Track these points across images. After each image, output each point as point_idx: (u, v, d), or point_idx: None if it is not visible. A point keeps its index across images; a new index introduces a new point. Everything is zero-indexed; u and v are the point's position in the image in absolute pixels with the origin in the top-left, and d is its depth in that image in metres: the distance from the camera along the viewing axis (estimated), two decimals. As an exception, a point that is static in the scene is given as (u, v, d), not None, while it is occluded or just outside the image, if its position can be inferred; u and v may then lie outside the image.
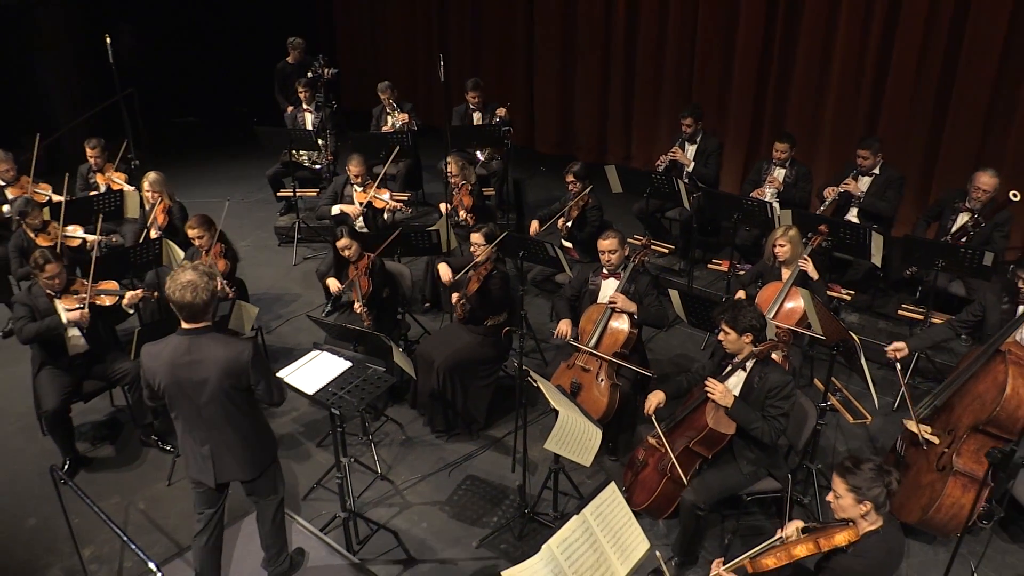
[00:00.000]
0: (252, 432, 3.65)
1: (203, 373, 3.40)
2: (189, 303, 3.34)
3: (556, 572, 3.18)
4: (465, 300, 5.36)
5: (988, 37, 7.14)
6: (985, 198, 5.77)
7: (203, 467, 3.63)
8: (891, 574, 3.17)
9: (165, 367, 3.42)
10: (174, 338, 3.46)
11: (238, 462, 3.65)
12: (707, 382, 4.04)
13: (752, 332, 4.03)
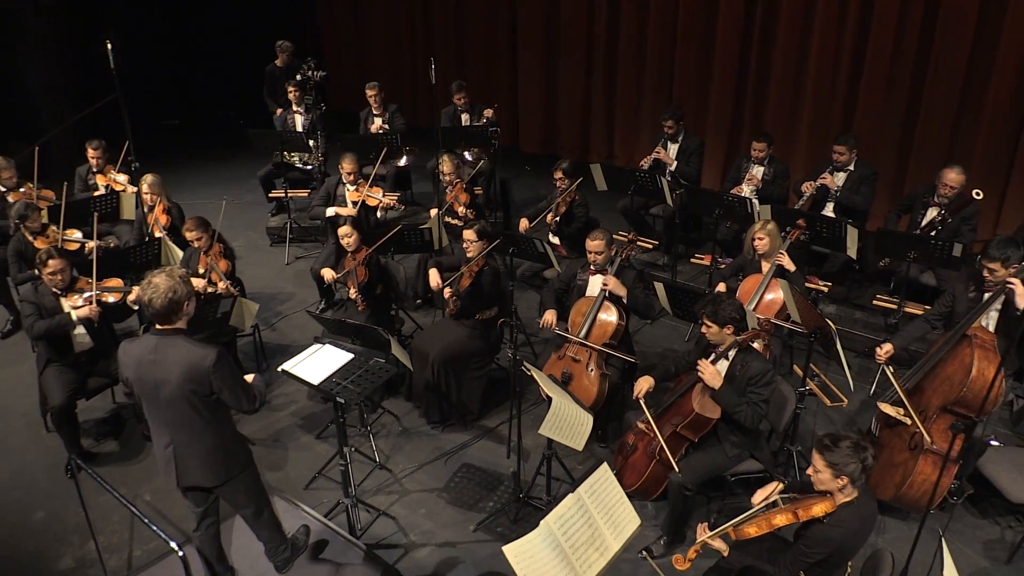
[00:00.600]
0: (214, 439, 3.63)
1: (164, 374, 3.44)
2: (146, 304, 3.42)
3: (554, 546, 3.38)
4: (456, 296, 5.55)
5: (956, 41, 7.44)
6: (952, 194, 6.03)
7: (168, 468, 3.67)
8: (863, 541, 3.40)
9: (133, 363, 3.50)
10: (147, 337, 3.53)
11: (199, 467, 3.65)
12: (699, 362, 4.24)
13: (732, 324, 4.24)
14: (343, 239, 5.75)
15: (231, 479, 3.72)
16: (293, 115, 8.55)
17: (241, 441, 3.84)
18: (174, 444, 3.58)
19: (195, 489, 3.74)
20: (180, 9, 12.77)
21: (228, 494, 3.80)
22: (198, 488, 3.73)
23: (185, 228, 5.73)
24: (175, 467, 3.62)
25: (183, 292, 3.44)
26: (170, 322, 3.47)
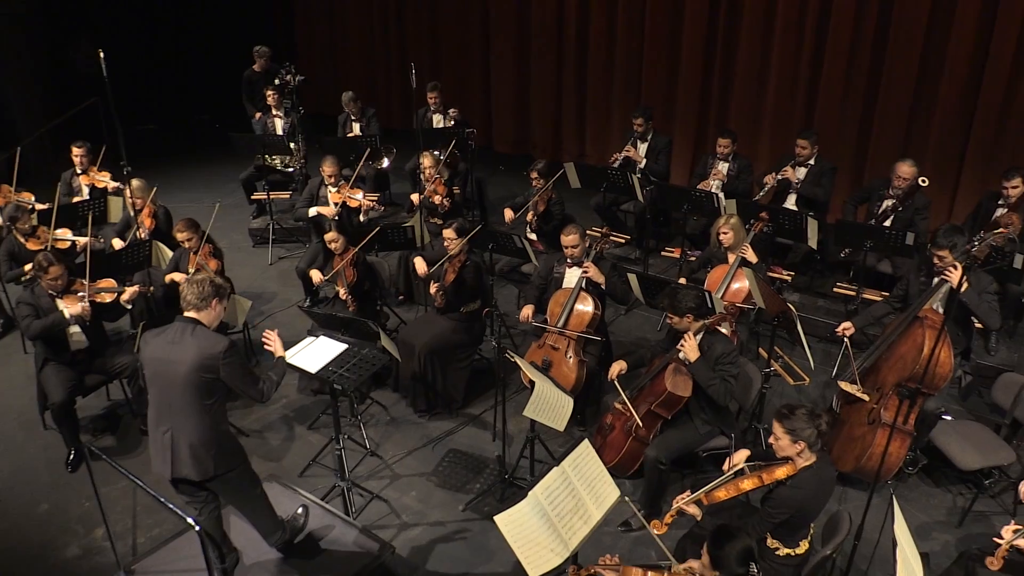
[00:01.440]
0: (209, 433, 3.79)
1: (179, 355, 3.67)
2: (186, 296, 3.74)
3: (541, 515, 3.67)
4: (443, 291, 5.81)
5: (909, 40, 7.86)
6: (905, 185, 6.41)
7: (164, 456, 3.82)
8: (823, 503, 3.72)
9: (153, 345, 3.76)
10: (174, 325, 3.79)
11: (190, 459, 3.79)
12: (685, 337, 4.54)
13: (691, 312, 4.56)
14: (330, 244, 5.99)
15: (218, 476, 3.88)
16: (273, 119, 8.75)
17: (233, 440, 4.00)
18: (172, 430, 3.76)
19: (185, 482, 3.93)
20: (154, 15, 12.87)
21: (219, 488, 3.99)
22: (188, 482, 3.92)
23: (176, 229, 5.93)
24: (171, 454, 3.79)
25: (216, 288, 3.76)
26: (197, 310, 3.73)
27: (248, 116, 9.77)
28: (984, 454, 4.74)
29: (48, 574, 4.57)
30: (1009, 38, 7.41)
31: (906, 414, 4.78)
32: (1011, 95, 7.58)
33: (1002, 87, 7.58)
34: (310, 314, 5.44)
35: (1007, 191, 6.11)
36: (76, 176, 7.58)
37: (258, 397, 3.86)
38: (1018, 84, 7.53)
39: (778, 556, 3.69)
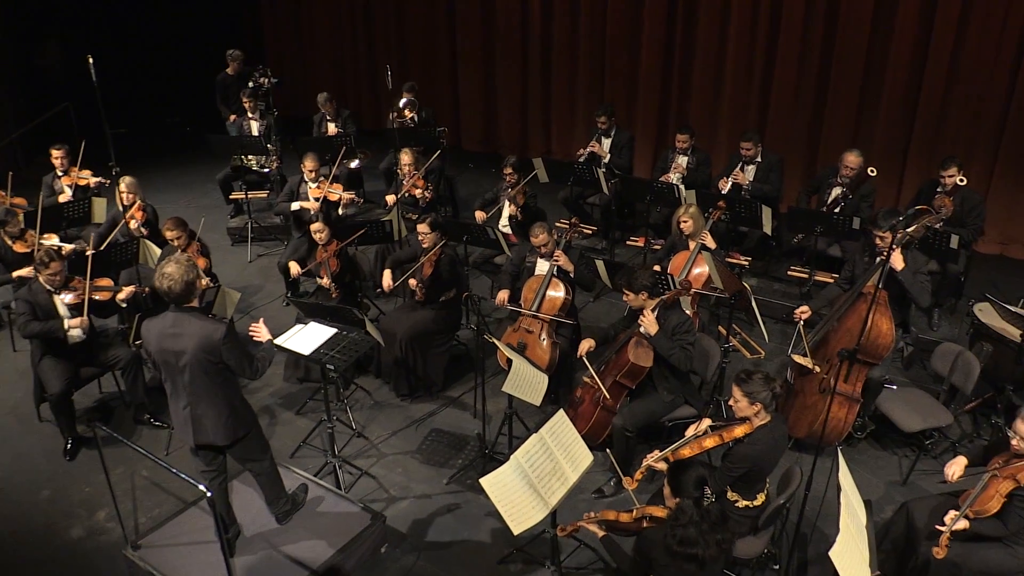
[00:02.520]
0: (225, 403, 4.10)
1: (182, 345, 3.95)
2: (167, 291, 3.91)
3: (522, 476, 4.02)
4: (422, 284, 6.12)
5: (855, 41, 8.39)
6: (852, 174, 6.87)
7: (184, 429, 4.17)
8: (777, 457, 4.11)
9: (155, 338, 4.01)
10: (166, 314, 4.04)
11: (212, 427, 4.11)
12: (644, 313, 4.91)
13: (646, 290, 4.95)
14: (316, 234, 6.28)
15: (239, 439, 4.24)
16: (248, 121, 8.98)
17: (247, 405, 4.34)
18: (190, 406, 4.08)
19: (206, 448, 4.24)
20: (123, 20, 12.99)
21: (238, 452, 4.31)
22: (209, 447, 4.23)
23: (165, 227, 6.17)
24: (191, 426, 4.12)
25: (195, 274, 3.98)
26: (188, 301, 3.98)
27: (222, 119, 9.98)
28: (925, 417, 5.18)
29: (55, 554, 4.82)
30: (947, 37, 7.93)
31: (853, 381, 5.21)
32: (949, 91, 8.11)
33: (941, 84, 8.11)
34: (297, 304, 5.71)
35: (944, 179, 6.58)
36: (57, 178, 7.77)
37: (252, 376, 4.15)
38: (956, 81, 8.06)
39: (737, 508, 4.08)
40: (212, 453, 4.31)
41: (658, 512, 3.77)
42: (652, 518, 3.77)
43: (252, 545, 4.50)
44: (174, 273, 3.91)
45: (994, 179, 8.28)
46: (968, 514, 3.82)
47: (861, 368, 5.25)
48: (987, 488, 3.87)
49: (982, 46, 7.82)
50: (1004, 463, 3.89)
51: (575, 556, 4.65)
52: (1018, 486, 3.77)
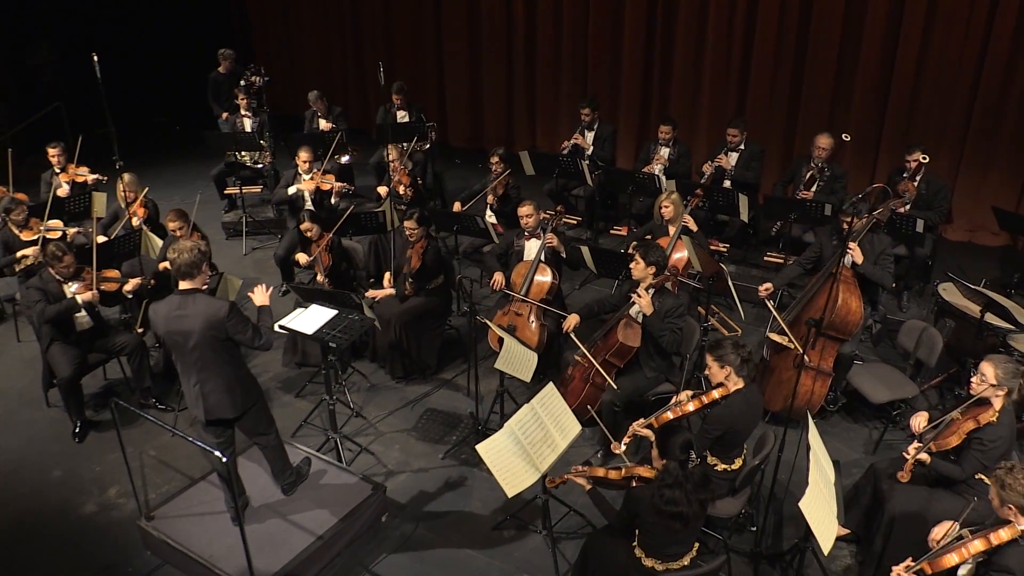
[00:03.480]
0: (233, 377, 4.37)
1: (189, 325, 4.19)
2: (175, 262, 4.20)
3: (515, 443, 4.30)
4: (411, 277, 6.38)
5: (827, 35, 8.71)
6: (824, 155, 7.24)
7: (196, 404, 4.42)
8: (752, 421, 4.42)
9: (162, 320, 4.26)
10: (172, 297, 4.30)
11: (222, 401, 4.36)
12: (638, 291, 5.19)
13: (655, 266, 5.24)
14: (306, 233, 6.53)
15: (247, 411, 4.50)
16: (242, 119, 9.21)
17: (253, 379, 4.61)
18: (200, 383, 4.33)
19: (217, 423, 4.49)
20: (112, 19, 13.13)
21: (245, 423, 4.57)
22: (220, 422, 4.49)
23: (167, 219, 6.40)
24: (202, 401, 4.37)
25: (202, 253, 4.26)
26: (192, 278, 4.23)
27: (214, 116, 10.19)
28: (892, 389, 5.51)
29: (70, 529, 5.06)
30: (915, 32, 8.28)
31: (825, 356, 5.54)
32: (918, 85, 8.47)
33: (910, 78, 8.47)
34: (295, 290, 5.97)
35: (909, 163, 6.92)
36: (55, 175, 7.96)
37: (261, 345, 4.39)
38: (924, 76, 8.42)
39: (717, 471, 4.38)
40: (221, 427, 4.55)
41: (645, 472, 4.06)
42: (640, 478, 4.06)
43: (260, 514, 4.76)
44: (185, 247, 4.22)
45: (961, 169, 8.64)
46: (931, 447, 4.15)
47: (832, 344, 5.57)
48: (949, 427, 4.21)
49: (948, 42, 8.18)
50: (966, 407, 4.24)
51: (565, 521, 4.93)
52: (977, 427, 4.10)
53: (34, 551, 4.88)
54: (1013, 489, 3.47)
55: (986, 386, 4.17)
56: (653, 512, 3.66)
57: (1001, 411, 4.16)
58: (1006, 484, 3.48)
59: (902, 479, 4.28)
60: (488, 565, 4.69)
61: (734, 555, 4.65)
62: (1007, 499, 3.50)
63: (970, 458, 4.15)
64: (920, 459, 4.25)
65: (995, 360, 4.20)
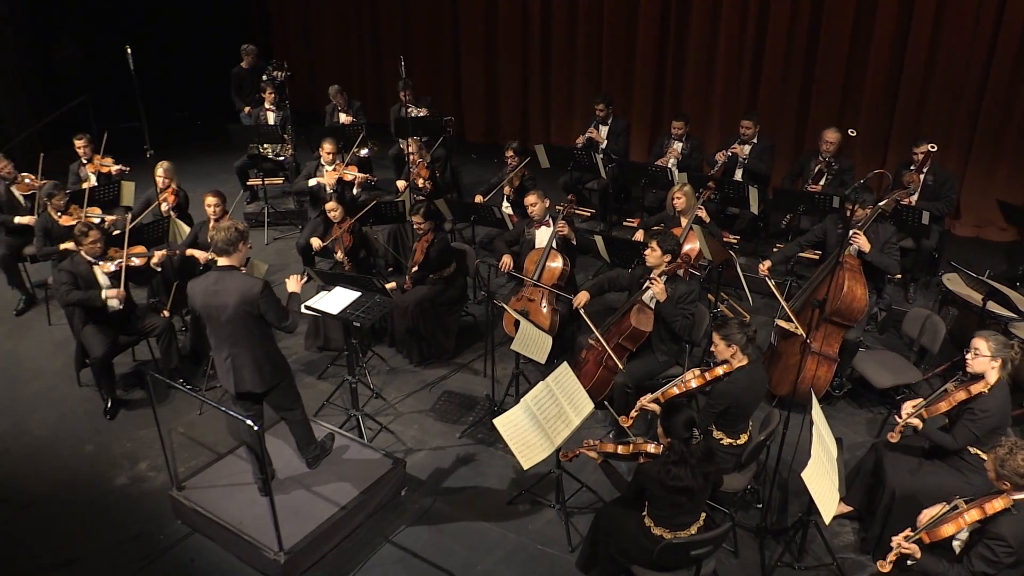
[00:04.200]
0: (263, 353, 4.58)
1: (224, 299, 4.43)
2: (216, 240, 4.48)
3: (531, 418, 4.49)
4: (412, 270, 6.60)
5: (838, 31, 8.87)
6: (832, 149, 7.41)
7: (227, 377, 4.66)
8: (756, 396, 4.60)
9: (199, 295, 4.51)
10: (211, 272, 4.56)
11: (251, 375, 4.58)
12: (651, 278, 5.38)
13: (671, 254, 5.43)
14: (330, 213, 6.76)
15: (275, 386, 4.71)
16: (265, 112, 9.45)
17: (282, 356, 4.81)
18: (231, 356, 4.56)
19: (246, 397, 4.71)
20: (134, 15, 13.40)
21: (273, 398, 4.78)
22: (249, 396, 4.70)
23: (207, 195, 6.56)
24: (233, 375, 4.59)
25: (240, 232, 4.51)
26: (229, 255, 4.46)
27: (236, 110, 10.44)
28: (895, 375, 5.67)
29: (103, 499, 5.29)
30: (924, 30, 8.43)
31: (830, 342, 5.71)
32: (927, 83, 8.62)
33: (920, 76, 8.62)
34: (318, 274, 6.17)
35: (916, 155, 7.08)
36: (83, 166, 8.21)
37: (287, 326, 4.63)
38: (933, 73, 8.56)
39: (723, 445, 4.57)
40: (250, 402, 4.77)
41: (650, 448, 4.23)
42: (647, 454, 4.24)
43: (286, 486, 4.97)
44: (223, 226, 4.50)
45: (969, 165, 8.78)
46: (923, 414, 4.31)
47: (837, 330, 5.74)
48: (942, 396, 4.40)
49: (957, 39, 8.32)
50: (959, 382, 4.43)
51: (577, 496, 5.13)
52: (969, 396, 4.28)
53: (69, 519, 5.11)
54: (1011, 468, 3.63)
55: (981, 359, 4.34)
56: (660, 487, 3.84)
57: (995, 384, 4.32)
58: (1005, 463, 3.64)
59: (892, 439, 4.45)
60: (503, 537, 4.88)
61: (740, 530, 4.83)
62: (1004, 476, 3.67)
63: (962, 428, 4.32)
64: (912, 423, 4.40)
65: (986, 334, 4.38)
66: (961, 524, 3.76)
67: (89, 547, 4.87)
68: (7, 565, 4.78)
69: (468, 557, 4.74)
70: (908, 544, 3.77)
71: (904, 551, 3.73)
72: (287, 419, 4.99)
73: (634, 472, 4.18)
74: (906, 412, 4.43)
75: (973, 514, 3.73)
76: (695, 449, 3.90)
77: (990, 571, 3.61)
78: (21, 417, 6.09)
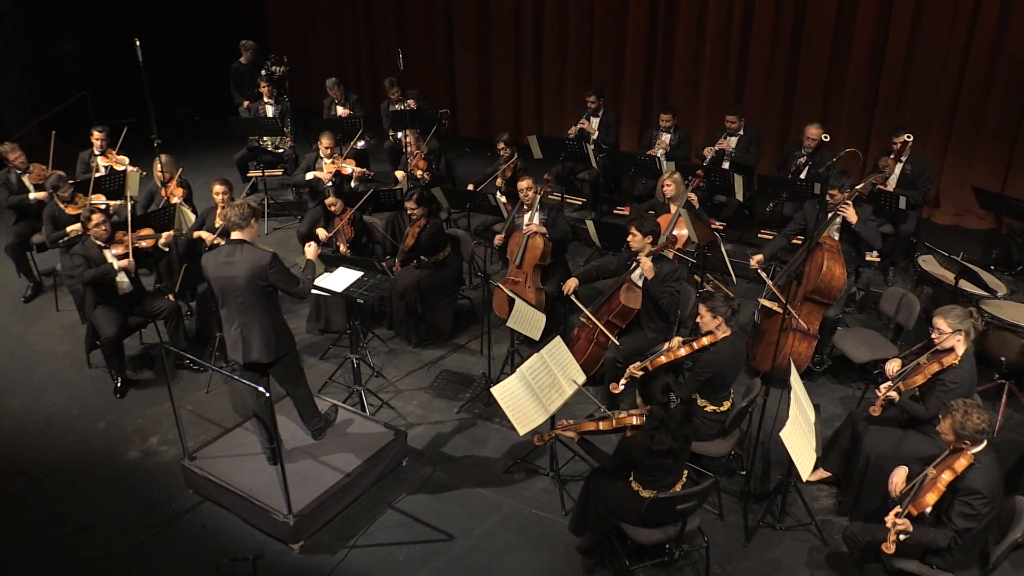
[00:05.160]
0: (270, 324, 4.84)
1: (236, 271, 4.70)
2: (230, 216, 4.75)
3: (526, 386, 4.76)
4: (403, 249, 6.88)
5: (821, 26, 9.18)
6: (814, 145, 7.68)
7: (236, 347, 4.91)
8: (737, 368, 4.88)
9: (212, 266, 4.78)
10: (224, 246, 4.84)
11: (259, 346, 4.83)
12: (640, 258, 5.65)
13: (652, 235, 5.70)
14: (331, 206, 7.00)
15: (280, 358, 4.96)
16: (264, 106, 9.68)
17: (288, 329, 5.07)
18: (241, 326, 4.82)
19: (254, 367, 4.96)
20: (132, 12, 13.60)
21: (278, 370, 5.03)
22: (257, 366, 4.95)
23: (214, 183, 6.79)
24: (242, 344, 4.85)
25: (251, 209, 4.78)
26: (242, 229, 4.72)
27: (235, 105, 10.67)
28: (873, 350, 5.95)
29: (117, 470, 5.53)
30: (904, 19, 8.73)
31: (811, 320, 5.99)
32: (907, 76, 8.92)
33: (899, 69, 8.92)
34: (322, 258, 6.41)
35: (895, 144, 7.37)
36: (95, 157, 8.41)
37: (300, 294, 4.91)
38: (912, 67, 8.87)
39: (706, 412, 4.84)
40: (257, 374, 5.01)
41: (632, 420, 4.48)
42: (632, 427, 4.48)
43: (293, 455, 5.21)
44: (236, 203, 4.80)
45: (948, 156, 9.09)
46: (899, 387, 4.59)
47: (817, 308, 6.02)
48: (917, 369, 4.66)
49: (936, 32, 8.62)
50: (931, 354, 4.70)
51: (571, 465, 5.39)
52: (941, 368, 4.55)
53: (84, 489, 5.35)
54: (971, 428, 3.89)
55: (945, 336, 4.61)
56: (648, 454, 4.09)
57: (963, 356, 4.60)
58: (965, 425, 3.89)
59: (874, 413, 4.70)
60: (500, 502, 5.15)
61: (725, 495, 5.11)
62: (964, 436, 3.93)
63: (933, 398, 4.59)
64: (890, 396, 4.67)
65: (942, 311, 4.65)
66: (941, 489, 3.96)
67: (104, 515, 5.11)
68: (26, 532, 5.01)
69: (466, 521, 5.01)
70: (901, 520, 3.93)
71: (899, 529, 3.88)
72: (291, 392, 5.23)
73: (619, 444, 4.41)
74: (884, 387, 4.67)
75: (946, 477, 3.96)
76: (674, 412, 4.16)
77: (971, 525, 3.84)
78: (34, 397, 6.32)
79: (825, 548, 4.78)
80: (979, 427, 3.86)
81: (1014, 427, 5.86)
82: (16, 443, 5.82)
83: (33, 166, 7.75)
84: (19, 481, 5.46)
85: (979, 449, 3.90)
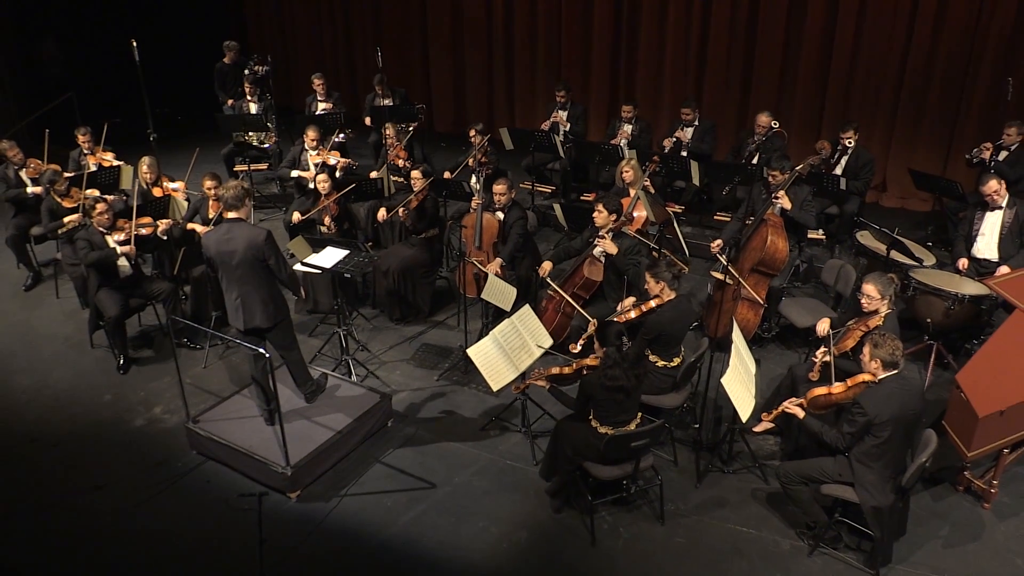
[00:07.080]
0: (267, 293, 5.34)
1: (234, 246, 5.21)
2: (224, 196, 5.27)
3: (499, 348, 5.31)
4: (408, 213, 7.41)
5: (774, 19, 9.80)
6: (764, 131, 8.29)
7: (236, 316, 5.42)
8: (684, 325, 5.47)
9: (213, 243, 5.28)
10: (222, 224, 5.35)
11: (258, 312, 5.33)
12: (600, 235, 6.21)
13: (616, 214, 6.27)
14: (320, 184, 7.51)
15: (277, 324, 5.48)
16: (248, 104, 10.16)
17: (283, 298, 5.57)
18: (241, 296, 5.33)
19: (253, 333, 5.46)
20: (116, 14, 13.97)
21: (275, 336, 5.54)
22: (256, 332, 5.46)
23: (205, 177, 7.30)
24: (243, 312, 5.36)
25: (245, 190, 5.31)
26: (237, 209, 5.25)
27: (220, 103, 11.12)
28: (815, 316, 6.50)
29: (124, 436, 6.01)
30: (849, 18, 9.38)
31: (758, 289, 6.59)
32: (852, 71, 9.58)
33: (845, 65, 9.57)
34: (307, 240, 6.92)
35: (842, 140, 8.02)
36: (84, 155, 8.85)
37: (286, 276, 5.39)
38: (857, 63, 9.53)
39: (658, 367, 5.41)
40: (256, 340, 5.52)
41: (590, 361, 5.05)
42: (588, 367, 5.05)
43: (288, 417, 5.69)
44: (231, 185, 5.33)
45: (892, 144, 9.76)
46: (834, 351, 5.17)
47: (764, 279, 6.63)
48: (847, 333, 5.26)
49: (878, 31, 9.28)
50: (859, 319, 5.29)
51: (540, 422, 5.95)
52: (868, 331, 5.14)
53: (95, 453, 5.83)
54: (882, 348, 4.50)
55: (873, 300, 5.20)
56: (601, 389, 4.66)
57: (886, 317, 5.19)
58: (879, 344, 4.52)
59: (812, 377, 5.29)
60: (477, 455, 5.69)
61: (679, 445, 5.68)
62: (876, 355, 4.54)
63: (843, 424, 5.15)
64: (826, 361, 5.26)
65: (871, 278, 5.23)
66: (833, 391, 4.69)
67: (116, 475, 5.59)
68: (42, 491, 5.49)
69: (447, 472, 5.55)
70: (792, 406, 4.72)
71: (787, 410, 4.68)
72: (286, 357, 5.75)
73: (579, 383, 4.96)
74: (820, 353, 5.21)
75: (838, 387, 4.66)
76: (627, 353, 4.74)
77: (851, 430, 4.48)
78: (41, 374, 6.78)
79: (767, 487, 5.37)
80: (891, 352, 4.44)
81: (944, 384, 6.44)
82: (27, 415, 6.28)
83: (30, 160, 8.20)
84: (32, 447, 5.92)
85: (885, 375, 4.48)
